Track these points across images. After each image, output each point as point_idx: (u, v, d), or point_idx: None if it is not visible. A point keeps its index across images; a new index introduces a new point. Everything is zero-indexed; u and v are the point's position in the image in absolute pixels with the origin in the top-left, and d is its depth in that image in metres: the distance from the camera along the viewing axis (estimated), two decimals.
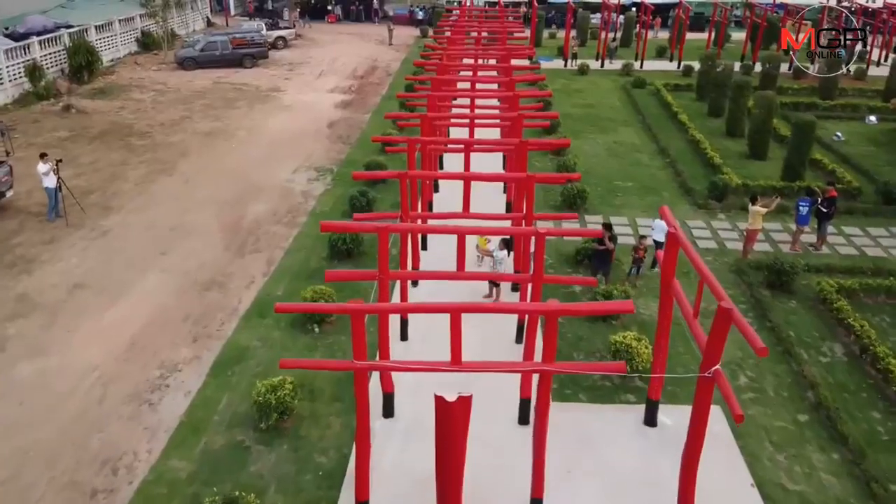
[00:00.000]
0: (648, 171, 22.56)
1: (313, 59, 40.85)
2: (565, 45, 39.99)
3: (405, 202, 13.15)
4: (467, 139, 17.59)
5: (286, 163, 23.13)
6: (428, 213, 16.06)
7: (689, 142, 25.23)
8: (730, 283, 15.32)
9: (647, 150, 24.64)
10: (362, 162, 22.65)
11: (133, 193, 20.40)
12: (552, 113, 24.70)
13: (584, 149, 24.72)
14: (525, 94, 20.91)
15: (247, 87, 33.81)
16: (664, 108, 29.90)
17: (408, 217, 13.32)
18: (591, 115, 29.13)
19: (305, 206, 19.59)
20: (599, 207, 19.40)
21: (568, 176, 17.72)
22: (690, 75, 36.61)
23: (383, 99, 31.84)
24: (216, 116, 28.48)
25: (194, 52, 37.24)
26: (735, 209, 19.27)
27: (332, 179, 21.65)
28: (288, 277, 15.39)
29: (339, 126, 27.71)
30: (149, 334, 13.36)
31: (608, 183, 21.34)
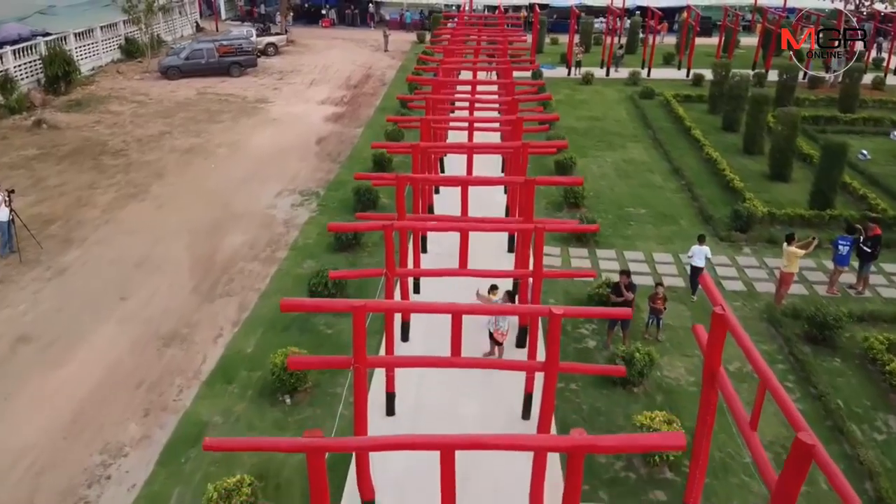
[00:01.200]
0: (662, 194, 20.73)
1: (305, 67, 39.02)
2: (568, 52, 38.15)
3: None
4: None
5: (269, 185, 21.30)
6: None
7: (704, 160, 23.42)
8: (763, 336, 13.49)
9: (659, 170, 22.81)
10: (351, 183, 20.82)
11: (99, 222, 18.56)
12: (552, 115, 23.18)
13: (592, 168, 22.91)
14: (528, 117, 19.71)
15: (233, 97, 31.97)
16: (675, 121, 28.09)
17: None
18: (597, 130, 27.31)
19: (287, 237, 17.75)
20: (611, 240, 17.57)
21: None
22: (701, 85, 34.84)
23: (377, 111, 30.00)
24: (197, 131, 26.64)
25: (178, 61, 35.39)
26: (762, 242, 17.46)
27: (317, 205, 19.81)
28: (261, 329, 13.54)
29: (329, 142, 25.88)
30: (96, 403, 11.52)
31: (619, 209, 19.51)
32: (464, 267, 12.20)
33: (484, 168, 19.32)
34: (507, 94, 19.57)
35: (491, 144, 18.42)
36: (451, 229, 12.55)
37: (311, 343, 12.82)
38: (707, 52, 39.10)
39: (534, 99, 22.19)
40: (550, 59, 40.95)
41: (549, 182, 17.44)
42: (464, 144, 17.30)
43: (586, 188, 20.33)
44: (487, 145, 17.93)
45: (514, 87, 20.05)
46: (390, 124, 25.47)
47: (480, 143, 17.88)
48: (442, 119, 19.25)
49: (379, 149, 19.64)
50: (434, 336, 11.54)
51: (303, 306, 12.13)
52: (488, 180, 15.15)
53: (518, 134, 16.47)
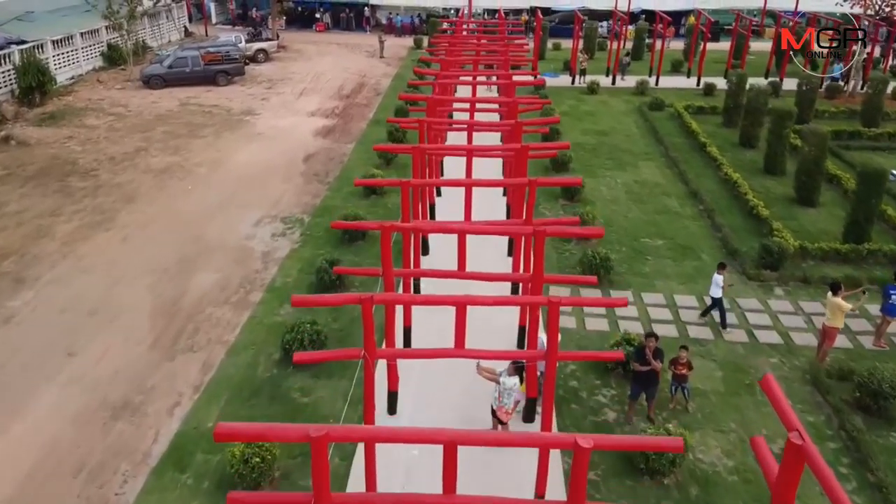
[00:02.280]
0: (680, 222, 18.88)
1: (296, 75, 37.17)
2: (572, 59, 36.29)
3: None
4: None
5: (249, 211, 19.45)
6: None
7: (722, 181, 21.58)
8: (808, 404, 11.67)
9: (675, 193, 20.97)
10: (340, 209, 19.06)
11: (56, 257, 16.72)
12: (553, 118, 21.55)
13: (601, 191, 21.07)
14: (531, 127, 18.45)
15: (217, 109, 30.12)
16: (688, 136, 26.24)
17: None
18: (605, 146, 25.46)
19: (264, 275, 15.90)
20: (627, 278, 15.72)
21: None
22: (712, 94, 33.04)
23: (370, 124, 28.19)
24: (176, 148, 24.80)
25: (161, 70, 33.53)
26: (794, 281, 15.61)
27: (300, 235, 17.97)
28: (225, 395, 11.70)
29: (317, 160, 24.04)
30: (26, 499, 9.68)
31: (634, 240, 17.67)
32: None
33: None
34: (510, 116, 17.80)
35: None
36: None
37: (283, 414, 11.02)
38: (716, 58, 37.26)
39: (539, 123, 20.43)
40: (553, 66, 39.13)
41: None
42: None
43: (597, 215, 18.57)
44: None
45: (517, 106, 18.22)
46: (383, 142, 23.80)
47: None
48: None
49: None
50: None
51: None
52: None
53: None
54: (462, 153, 16.05)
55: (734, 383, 12.16)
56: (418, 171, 15.04)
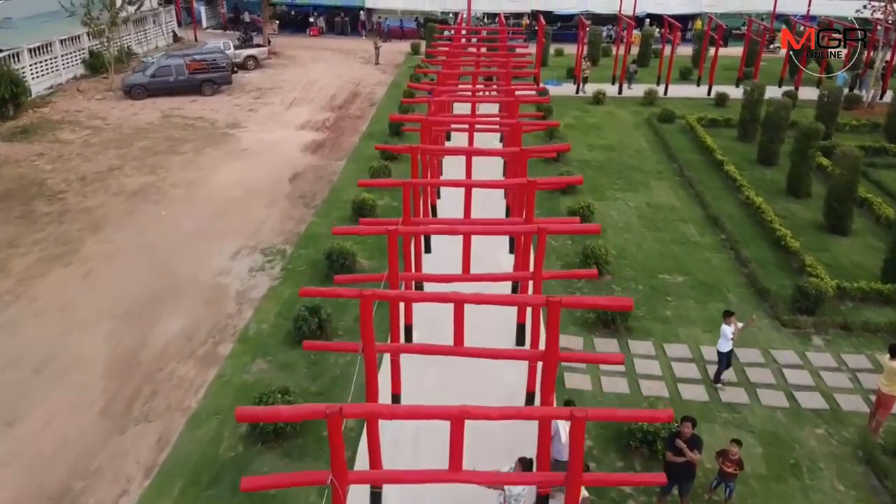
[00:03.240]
0: (700, 254, 17.15)
1: (287, 84, 35.43)
2: (577, 67, 34.54)
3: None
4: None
5: (226, 240, 17.72)
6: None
7: (743, 204, 19.86)
8: (862, 489, 9.95)
9: (692, 218, 19.23)
10: (325, 238, 17.35)
11: (9, 298, 14.99)
12: (553, 122, 20.04)
13: (612, 216, 19.34)
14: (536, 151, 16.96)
15: (201, 122, 28.39)
16: (703, 152, 24.51)
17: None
18: (613, 163, 23.73)
19: (236, 321, 14.16)
20: (646, 324, 13.98)
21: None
22: (725, 105, 31.34)
23: (363, 138, 26.46)
24: (153, 166, 23.06)
25: (144, 79, 31.77)
26: (834, 328, 13.89)
27: (281, 270, 16.25)
28: (180, 481, 9.96)
29: (305, 179, 22.31)
30: None
31: (651, 277, 15.94)
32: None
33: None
34: (512, 140, 16.14)
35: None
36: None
37: None
38: (725, 64, 35.44)
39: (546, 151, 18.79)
40: (556, 73, 37.39)
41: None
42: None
43: (608, 245, 16.81)
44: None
45: (521, 128, 16.53)
46: (376, 159, 22.17)
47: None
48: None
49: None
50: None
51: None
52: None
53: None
54: None
55: (777, 462, 10.44)
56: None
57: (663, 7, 48.80)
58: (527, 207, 13.05)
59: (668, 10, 48.43)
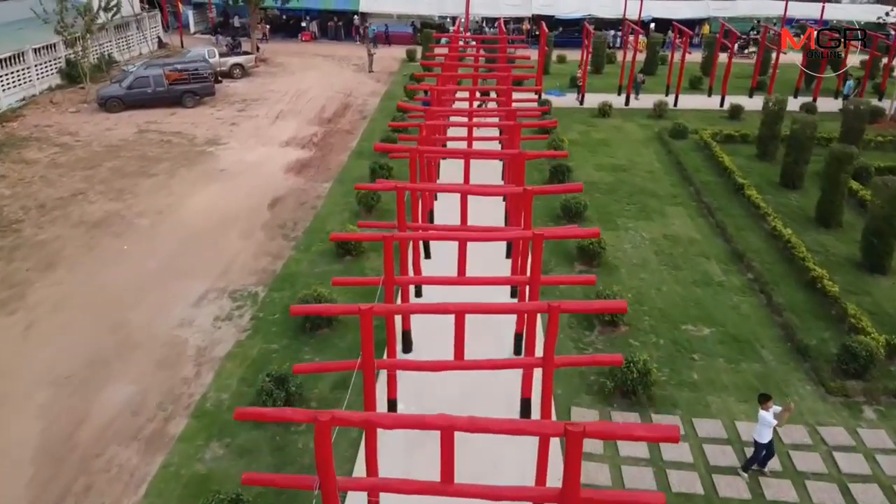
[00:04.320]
0: (727, 298, 15.18)
1: (274, 94, 33.46)
2: (582, 78, 32.55)
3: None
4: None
5: (191, 282, 15.76)
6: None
7: (769, 236, 17.93)
8: None
9: (714, 253, 17.27)
10: (304, 277, 15.52)
11: None
12: (574, 185, 18.12)
13: (625, 250, 17.38)
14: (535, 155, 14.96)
15: (178, 137, 26.42)
16: (720, 172, 22.56)
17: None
18: (624, 185, 21.77)
19: (193, 388, 12.18)
20: (671, 392, 12.01)
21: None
22: (739, 118, 29.42)
23: (352, 156, 24.51)
24: (120, 191, 21.09)
25: (120, 91, 29.79)
26: (887, 396, 11.94)
27: (250, 320, 14.27)
28: None
29: (286, 205, 20.34)
30: None
31: (673, 328, 13.97)
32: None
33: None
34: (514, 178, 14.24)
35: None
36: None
37: None
38: (735, 72, 33.28)
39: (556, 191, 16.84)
40: (558, 82, 35.46)
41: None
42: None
43: (623, 287, 14.90)
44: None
45: (525, 162, 14.60)
46: (365, 180, 20.26)
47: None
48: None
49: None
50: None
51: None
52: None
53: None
54: None
55: None
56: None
57: (670, 11, 46.94)
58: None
59: (675, 15, 46.57)
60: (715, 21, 47.42)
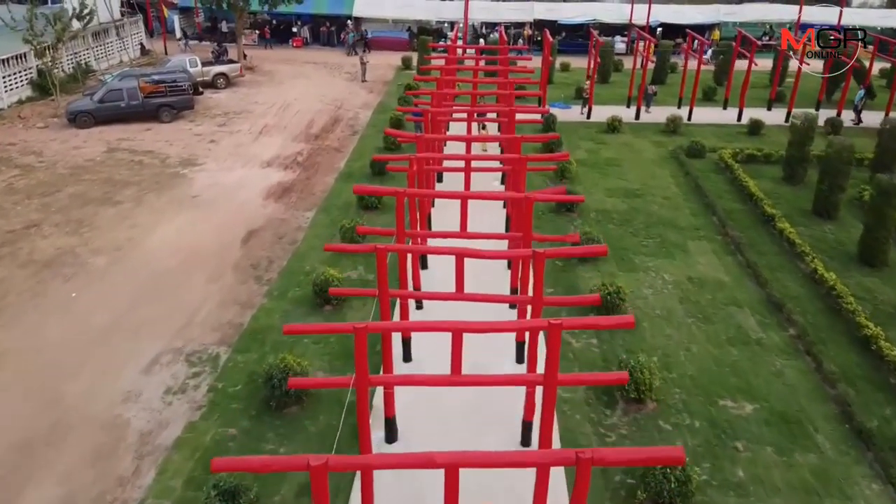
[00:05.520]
0: (768, 361, 12.99)
1: (259, 106, 31.31)
2: (590, 88, 30.36)
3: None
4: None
5: (144, 340, 13.57)
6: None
7: (808, 279, 15.78)
8: None
9: (747, 301, 15.10)
10: (276, 333, 13.35)
11: None
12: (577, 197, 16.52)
13: (645, 297, 15.20)
14: None
15: (150, 157, 24.25)
16: (744, 199, 20.40)
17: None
18: (639, 214, 19.59)
19: (129, 492, 9.97)
20: (711, 495, 9.84)
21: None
22: (759, 133, 27.28)
23: (339, 179, 22.35)
24: (79, 222, 18.92)
25: (91, 105, 27.60)
26: None
27: (207, 391, 12.08)
28: None
29: (261, 240, 18.16)
30: None
31: (708, 403, 11.78)
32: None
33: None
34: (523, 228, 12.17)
35: None
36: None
37: None
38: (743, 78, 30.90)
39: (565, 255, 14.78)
40: (563, 93, 33.31)
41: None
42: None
43: (647, 346, 12.78)
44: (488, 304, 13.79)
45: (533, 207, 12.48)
46: (351, 207, 18.29)
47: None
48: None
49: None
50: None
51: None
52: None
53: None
54: None
55: None
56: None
57: (678, 16, 44.89)
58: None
59: (684, 20, 44.54)
60: (725, 26, 45.45)
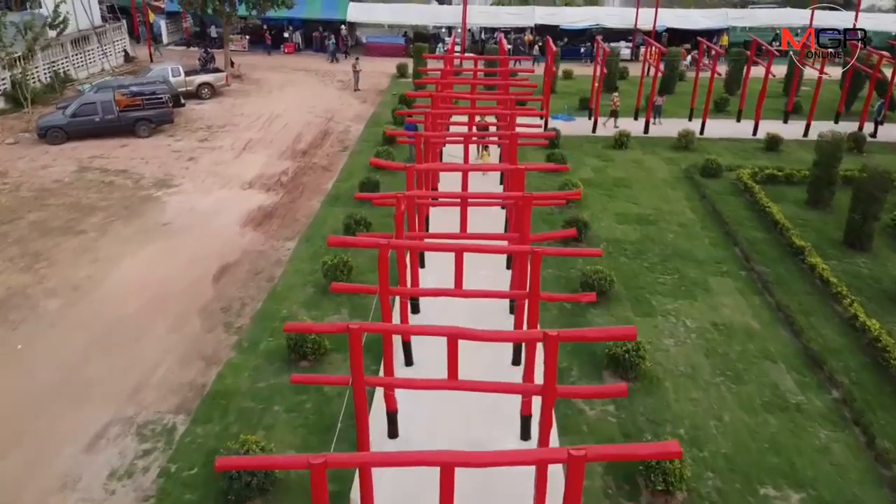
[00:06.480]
0: (811, 433, 11.17)
1: (244, 119, 29.55)
2: (595, 97, 28.57)
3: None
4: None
5: (91, 406, 11.74)
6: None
7: (848, 325, 14.01)
8: None
9: (781, 352, 13.29)
10: (244, 398, 11.68)
11: None
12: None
13: (666, 349, 13.39)
14: None
15: (123, 178, 22.46)
16: (767, 226, 18.64)
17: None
18: (654, 245, 17.80)
19: None
20: None
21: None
22: (777, 149, 25.52)
23: (326, 202, 20.56)
24: (35, 256, 17.12)
25: (63, 119, 25.79)
26: None
27: (157, 476, 10.26)
28: None
29: (235, 277, 16.35)
30: None
31: (747, 494, 9.93)
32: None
33: None
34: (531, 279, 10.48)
35: None
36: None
37: None
38: (757, 88, 29.04)
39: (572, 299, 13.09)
40: (566, 102, 31.51)
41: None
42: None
43: (672, 415, 11.02)
44: None
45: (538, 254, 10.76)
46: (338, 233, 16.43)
47: None
48: None
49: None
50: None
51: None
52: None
53: None
54: None
55: None
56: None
57: (685, 21, 43.16)
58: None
59: (691, 25, 42.90)
60: (734, 31, 43.70)
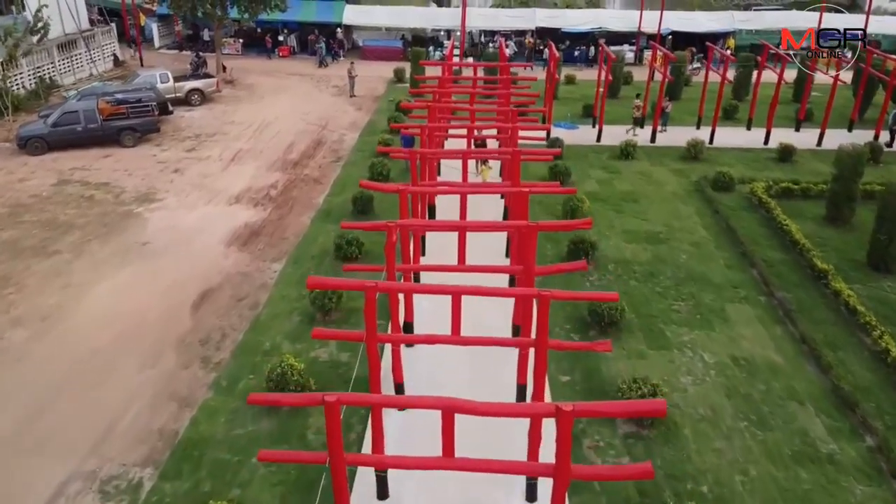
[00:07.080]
0: (847, 489, 10.02)
1: (234, 127, 28.43)
2: (599, 104, 27.45)
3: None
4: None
5: (49, 460, 10.60)
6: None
7: (879, 360, 12.88)
8: None
9: (808, 391, 12.17)
10: (219, 447, 10.58)
11: None
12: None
13: (683, 388, 12.27)
14: None
15: (103, 191, 21.33)
16: (785, 245, 17.51)
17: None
18: (665, 267, 16.65)
19: None
20: None
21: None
22: (791, 160, 24.40)
23: (317, 219, 19.42)
24: (4, 281, 15.97)
25: (43, 129, 24.66)
26: None
27: None
28: None
29: (217, 304, 15.20)
30: None
31: None
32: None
33: None
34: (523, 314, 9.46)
35: None
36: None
37: None
38: (768, 94, 27.78)
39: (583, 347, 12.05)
40: (569, 109, 30.38)
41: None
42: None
43: (694, 469, 9.90)
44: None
45: None
46: (328, 255, 15.53)
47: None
48: None
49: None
50: None
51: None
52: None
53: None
54: None
55: None
56: None
57: (690, 23, 42.03)
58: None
59: (697, 28, 41.78)
60: (740, 34, 42.57)
